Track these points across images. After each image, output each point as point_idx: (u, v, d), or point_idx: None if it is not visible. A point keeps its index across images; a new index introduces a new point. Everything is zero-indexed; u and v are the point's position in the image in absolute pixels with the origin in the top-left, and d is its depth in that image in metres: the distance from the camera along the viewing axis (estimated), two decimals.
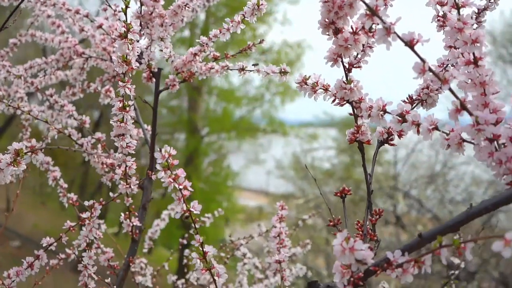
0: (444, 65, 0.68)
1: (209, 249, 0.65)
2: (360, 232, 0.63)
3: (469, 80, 0.55)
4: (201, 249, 0.64)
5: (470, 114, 0.51)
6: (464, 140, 0.54)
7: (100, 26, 1.05)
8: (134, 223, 0.96)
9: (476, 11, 0.73)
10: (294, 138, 11.24)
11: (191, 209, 0.62)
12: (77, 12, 1.09)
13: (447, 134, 0.55)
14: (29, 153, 0.65)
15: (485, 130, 0.50)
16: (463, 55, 0.54)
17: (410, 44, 0.50)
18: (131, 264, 0.98)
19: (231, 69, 0.97)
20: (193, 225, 0.64)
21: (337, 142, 10.35)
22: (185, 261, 1.40)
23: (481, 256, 5.94)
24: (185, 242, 1.48)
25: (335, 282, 0.55)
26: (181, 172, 0.62)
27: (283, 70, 0.84)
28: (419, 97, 0.68)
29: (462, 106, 0.51)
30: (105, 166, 1.01)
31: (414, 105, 0.68)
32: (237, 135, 11.58)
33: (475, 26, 0.72)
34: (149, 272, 1.30)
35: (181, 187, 0.62)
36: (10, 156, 0.66)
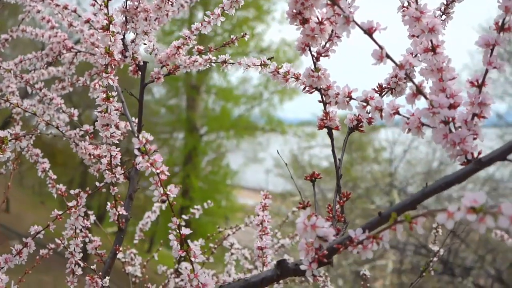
0: (414, 55, 0.71)
1: (197, 249, 0.67)
2: (330, 215, 0.66)
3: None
4: (178, 231, 0.67)
5: (426, 98, 0.54)
6: (423, 124, 0.57)
7: (87, 21, 1.08)
8: (120, 212, 0.99)
9: (445, 2, 0.76)
10: (292, 136, 11.27)
11: (168, 192, 0.65)
12: (65, 7, 1.12)
13: (408, 119, 0.58)
14: (13, 140, 0.67)
15: (439, 113, 0.53)
16: (422, 43, 0.57)
17: (368, 32, 0.53)
18: (117, 252, 1.01)
19: (214, 62, 0.99)
20: (170, 208, 0.67)
21: (335, 141, 10.37)
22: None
23: (477, 253, 5.98)
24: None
25: (303, 260, 0.57)
26: (158, 157, 0.65)
27: (263, 63, 0.87)
28: (388, 86, 0.71)
29: (418, 91, 0.54)
30: (92, 157, 1.04)
31: (383, 93, 0.71)
32: (236, 133, 11.61)
33: (443, 17, 0.75)
34: (138, 262, 1.34)
35: (158, 171, 0.64)
36: None
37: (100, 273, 0.97)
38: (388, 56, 0.53)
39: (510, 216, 0.37)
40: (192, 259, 0.67)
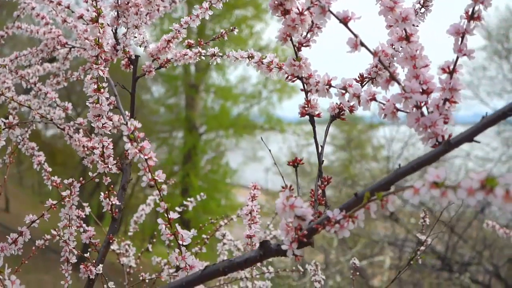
0: (392, 45, 0.74)
1: (185, 232, 0.70)
2: (312, 199, 0.69)
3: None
4: (166, 215, 0.70)
5: (399, 84, 0.56)
6: (398, 109, 0.60)
7: (81, 17, 1.10)
8: (114, 202, 1.02)
9: None
10: (291, 135, 11.29)
11: (156, 177, 0.68)
12: (59, 3, 1.14)
13: (384, 105, 0.61)
14: (7, 129, 0.70)
15: (411, 98, 0.56)
16: (396, 32, 0.59)
17: (344, 21, 0.56)
18: (111, 241, 1.04)
19: (203, 55, 1.02)
20: (158, 192, 0.69)
21: (335, 139, 10.42)
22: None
23: (474, 249, 6.01)
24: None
25: (284, 240, 0.60)
26: (146, 144, 0.68)
27: (250, 55, 0.89)
28: (369, 75, 0.73)
29: (391, 77, 0.57)
30: (86, 149, 1.07)
31: (364, 82, 0.73)
32: (235, 132, 11.63)
33: (422, 10, 0.78)
34: (132, 252, 1.36)
35: (146, 157, 0.67)
36: None
37: (94, 261, 1.00)
38: (362, 44, 0.56)
39: (467, 188, 0.39)
40: (180, 242, 0.69)
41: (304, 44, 0.66)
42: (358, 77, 0.74)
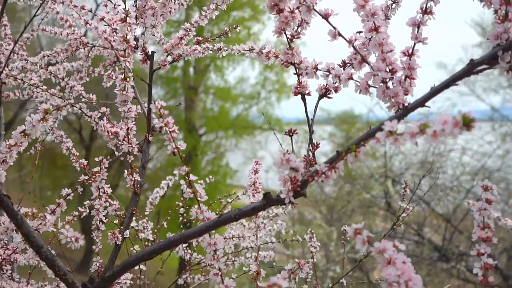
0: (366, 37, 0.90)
1: (203, 191, 0.87)
2: (305, 161, 0.85)
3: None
4: (187, 178, 0.86)
5: (369, 64, 0.73)
6: (369, 85, 0.76)
7: (102, 19, 1.26)
8: (136, 179, 1.18)
9: None
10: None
11: (178, 145, 0.84)
12: (82, 8, 1.31)
13: (359, 82, 0.77)
14: (55, 111, 0.86)
15: (378, 75, 0.72)
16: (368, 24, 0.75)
17: (325, 17, 0.72)
18: (133, 212, 1.20)
19: (211, 50, 1.18)
20: (180, 160, 0.85)
21: (334, 137, 10.59)
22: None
23: (470, 239, 6.16)
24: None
25: (282, 190, 0.76)
26: (170, 119, 0.84)
27: (251, 48, 1.05)
28: (350, 61, 0.90)
29: (363, 59, 0.73)
30: (110, 134, 1.23)
31: (346, 66, 0.90)
32: (234, 133, 11.77)
33: (393, 5, 0.94)
34: (150, 227, 1.52)
35: (171, 129, 0.83)
36: (40, 115, 0.88)
37: (120, 229, 1.16)
38: (340, 34, 0.72)
39: (410, 133, 0.55)
40: (199, 199, 0.86)
41: (295, 36, 0.82)
42: (341, 62, 0.90)
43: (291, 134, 0.87)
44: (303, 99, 0.86)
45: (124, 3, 0.94)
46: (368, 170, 8.23)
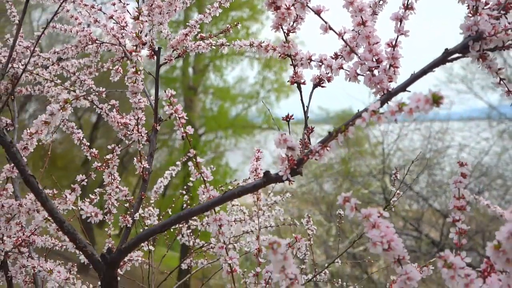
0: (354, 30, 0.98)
1: (209, 172, 0.95)
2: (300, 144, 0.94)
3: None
4: (195, 160, 0.95)
5: (356, 54, 0.81)
6: (357, 74, 0.85)
7: (111, 17, 1.35)
8: (144, 165, 1.26)
9: None
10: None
11: (186, 130, 0.93)
12: (92, 7, 1.39)
13: (348, 71, 0.86)
14: (74, 100, 0.95)
15: (365, 64, 0.81)
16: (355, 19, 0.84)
17: (317, 12, 0.81)
18: (143, 197, 1.28)
19: (214, 45, 1.27)
20: (188, 141, 0.94)
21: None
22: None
23: (467, 234, 6.25)
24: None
25: (280, 168, 0.85)
26: (179, 107, 0.93)
27: (251, 43, 1.14)
28: (341, 53, 0.98)
29: (351, 50, 0.82)
30: (119, 124, 1.32)
31: (338, 58, 0.98)
32: (234, 132, 11.86)
33: (380, 2, 1.03)
34: (156, 213, 1.61)
35: (180, 116, 0.92)
36: (60, 104, 0.96)
37: (130, 212, 1.25)
38: (330, 28, 0.81)
39: (391, 111, 0.64)
40: (205, 178, 0.94)
41: (291, 31, 0.91)
42: (333, 54, 0.99)
43: (288, 119, 0.96)
44: (299, 88, 0.94)
45: (138, 2, 1.03)
46: (367, 168, 8.33)
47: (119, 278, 0.93)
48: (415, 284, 0.69)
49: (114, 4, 1.37)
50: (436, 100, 0.58)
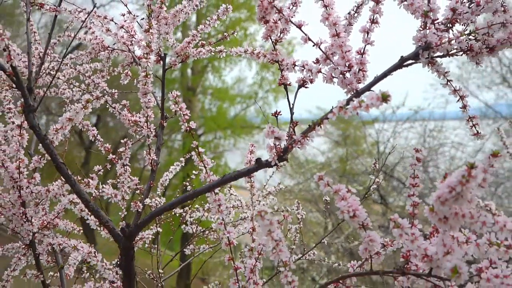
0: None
1: (209, 159, 1.13)
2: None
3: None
4: (197, 150, 1.12)
5: (331, 61, 0.99)
6: (333, 76, 1.02)
7: (122, 27, 1.53)
8: (153, 157, 1.44)
9: (357, 5, 1.21)
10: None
11: (190, 125, 1.10)
12: (105, 17, 1.57)
13: (325, 74, 1.03)
14: (95, 100, 1.12)
15: (338, 68, 0.98)
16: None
17: (299, 26, 0.98)
18: (151, 186, 1.46)
19: (213, 52, 1.45)
20: (191, 136, 1.12)
21: (331, 136, 10.86)
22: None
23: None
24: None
25: (269, 155, 1.02)
26: (183, 105, 1.10)
27: (246, 50, 1.32)
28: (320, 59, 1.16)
29: (327, 57, 0.99)
30: (130, 122, 1.49)
31: (318, 63, 1.16)
32: (233, 133, 12.02)
33: (356, 15, 1.20)
34: (163, 201, 1.79)
35: (184, 112, 1.09)
36: (82, 103, 1.14)
37: (140, 198, 1.42)
38: (309, 39, 0.98)
39: (353, 107, 0.82)
40: (206, 166, 1.12)
41: (278, 41, 1.09)
42: (315, 60, 1.16)
43: (276, 115, 1.14)
44: (285, 88, 1.12)
45: (149, 16, 1.20)
46: (364, 166, 8.50)
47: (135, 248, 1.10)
48: (378, 246, 0.86)
49: (123, 15, 1.55)
50: (384, 98, 0.76)
